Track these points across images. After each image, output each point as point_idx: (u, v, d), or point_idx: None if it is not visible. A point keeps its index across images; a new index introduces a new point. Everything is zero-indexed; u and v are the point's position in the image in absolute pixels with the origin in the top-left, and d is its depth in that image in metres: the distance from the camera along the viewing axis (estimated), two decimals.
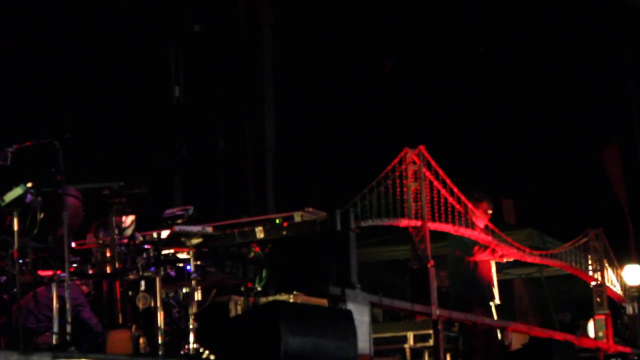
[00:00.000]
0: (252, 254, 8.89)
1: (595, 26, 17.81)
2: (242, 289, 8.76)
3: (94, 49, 13.39)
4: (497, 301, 11.72)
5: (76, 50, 13.25)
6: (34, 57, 12.74)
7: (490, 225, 11.50)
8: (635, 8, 17.66)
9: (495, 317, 11.66)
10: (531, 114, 18.10)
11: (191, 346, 7.79)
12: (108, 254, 7.91)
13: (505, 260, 12.02)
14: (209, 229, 8.10)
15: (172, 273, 8.01)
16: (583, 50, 17.87)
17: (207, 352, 7.77)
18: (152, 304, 7.84)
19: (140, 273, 7.89)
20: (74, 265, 7.79)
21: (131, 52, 13.79)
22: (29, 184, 7.38)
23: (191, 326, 7.84)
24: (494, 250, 11.63)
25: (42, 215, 7.42)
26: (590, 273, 13.55)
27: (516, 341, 11.93)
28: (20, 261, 7.33)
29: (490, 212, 11.62)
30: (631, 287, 14.28)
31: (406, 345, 11.60)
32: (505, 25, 17.51)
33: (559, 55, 17.98)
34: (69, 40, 13.20)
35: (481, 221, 11.44)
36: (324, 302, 9.16)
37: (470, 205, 11.18)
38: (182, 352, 7.79)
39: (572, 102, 18.04)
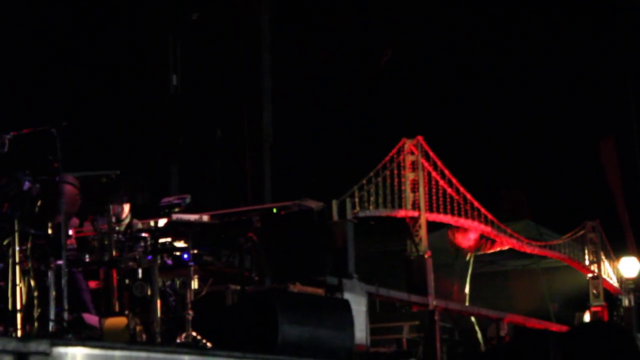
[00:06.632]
0: (249, 243, 8.87)
1: (593, 19, 17.79)
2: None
3: (92, 37, 13.37)
4: None
5: (75, 38, 13.22)
6: (32, 45, 12.71)
7: (490, 217, 11.48)
8: (633, 2, 17.65)
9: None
10: (529, 106, 18.09)
11: (188, 334, 7.78)
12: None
13: (498, 249, 12.00)
14: (206, 218, 8.08)
15: (169, 261, 8.00)
16: (581, 43, 17.85)
17: (203, 340, 7.76)
18: (149, 292, 7.83)
19: (138, 261, 7.88)
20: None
21: (129, 41, 13.76)
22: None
23: (188, 315, 7.83)
24: (493, 241, 11.62)
25: (39, 203, 7.39)
26: (587, 265, 13.54)
27: None
28: (18, 248, 7.29)
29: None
30: (627, 279, 14.29)
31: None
32: (505, 16, 17.49)
33: (557, 49, 17.96)
34: (67, 29, 13.17)
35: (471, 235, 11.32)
36: (320, 291, 9.15)
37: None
38: (178, 340, 7.78)
39: (569, 95, 18.02)
